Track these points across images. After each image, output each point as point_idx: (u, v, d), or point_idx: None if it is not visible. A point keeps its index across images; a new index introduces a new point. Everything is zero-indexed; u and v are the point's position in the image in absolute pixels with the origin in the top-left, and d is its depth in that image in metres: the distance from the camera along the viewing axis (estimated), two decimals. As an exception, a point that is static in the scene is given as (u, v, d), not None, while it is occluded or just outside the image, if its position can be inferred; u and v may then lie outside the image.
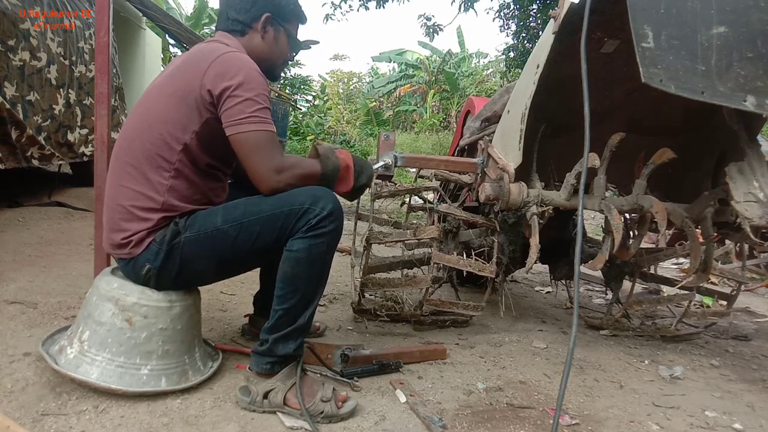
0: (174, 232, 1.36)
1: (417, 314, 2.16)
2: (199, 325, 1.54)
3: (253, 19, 1.52)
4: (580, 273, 1.30)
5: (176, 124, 1.36)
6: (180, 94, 1.36)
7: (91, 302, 1.39)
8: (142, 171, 1.36)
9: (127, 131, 1.43)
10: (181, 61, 1.45)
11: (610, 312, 2.50)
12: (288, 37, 1.59)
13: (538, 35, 7.51)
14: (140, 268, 1.37)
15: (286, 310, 1.36)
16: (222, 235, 1.35)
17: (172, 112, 1.37)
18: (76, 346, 1.37)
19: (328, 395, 1.38)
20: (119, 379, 1.32)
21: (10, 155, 2.80)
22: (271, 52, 1.56)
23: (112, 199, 1.41)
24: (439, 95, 16.19)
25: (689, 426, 1.54)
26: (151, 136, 1.37)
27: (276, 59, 1.58)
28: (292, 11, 1.59)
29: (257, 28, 1.52)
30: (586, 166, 1.38)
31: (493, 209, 2.31)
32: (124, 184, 1.38)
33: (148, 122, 1.39)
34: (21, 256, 2.34)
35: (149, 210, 1.36)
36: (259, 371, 1.38)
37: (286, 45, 1.59)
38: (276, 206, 1.34)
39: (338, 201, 1.38)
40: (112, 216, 1.40)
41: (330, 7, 8.57)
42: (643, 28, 1.42)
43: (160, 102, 1.39)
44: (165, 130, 1.36)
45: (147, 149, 1.37)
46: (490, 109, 2.49)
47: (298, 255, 1.33)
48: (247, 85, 1.33)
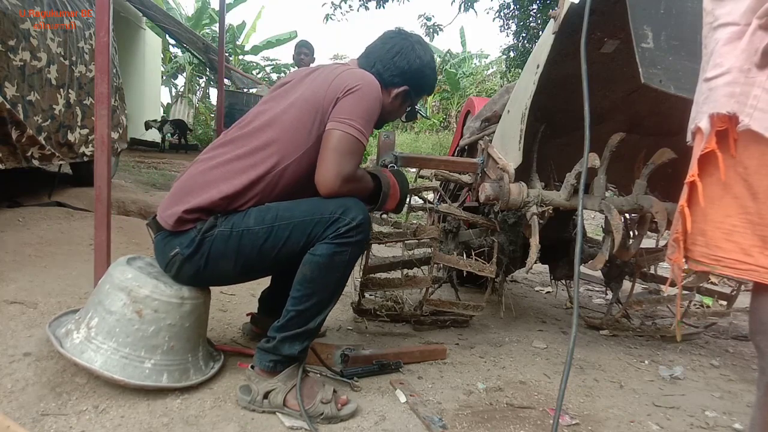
0: (210, 225, 1.37)
1: (417, 314, 2.16)
2: (205, 325, 1.54)
3: (393, 85, 1.58)
4: (580, 273, 1.30)
5: (304, 127, 1.40)
6: (309, 104, 1.41)
7: (104, 290, 1.39)
8: (245, 167, 1.39)
9: (260, 118, 1.46)
10: (320, 78, 1.48)
11: (610, 312, 2.50)
12: (407, 109, 1.67)
13: (538, 35, 7.51)
14: (171, 249, 1.38)
15: (299, 311, 1.37)
16: (251, 236, 1.36)
17: (298, 120, 1.41)
18: (83, 331, 1.36)
19: (328, 397, 1.38)
20: (122, 369, 1.32)
21: (11, 155, 2.80)
22: (389, 114, 1.62)
23: (191, 174, 1.43)
24: (439, 95, 16.18)
25: (689, 426, 1.54)
26: (288, 119, 1.41)
27: (387, 118, 1.65)
28: (427, 90, 1.67)
29: (391, 92, 1.58)
30: (586, 166, 1.38)
31: (493, 209, 2.31)
32: (209, 164, 1.41)
33: (282, 123, 1.42)
34: (21, 256, 2.34)
35: (217, 204, 1.37)
36: (261, 368, 1.39)
37: (403, 112, 1.68)
38: (308, 213, 1.35)
39: (367, 213, 1.40)
40: (182, 187, 1.41)
41: (330, 7, 8.58)
42: (643, 29, 1.42)
43: (297, 103, 1.43)
44: (297, 126, 1.40)
45: (255, 144, 1.40)
46: (490, 109, 2.48)
47: (321, 260, 1.34)
48: (366, 96, 1.40)
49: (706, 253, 0.97)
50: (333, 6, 8.57)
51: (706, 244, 0.97)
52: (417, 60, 1.58)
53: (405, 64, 1.56)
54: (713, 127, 0.95)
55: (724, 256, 0.94)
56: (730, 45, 0.93)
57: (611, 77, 2.03)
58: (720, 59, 0.94)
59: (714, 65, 0.96)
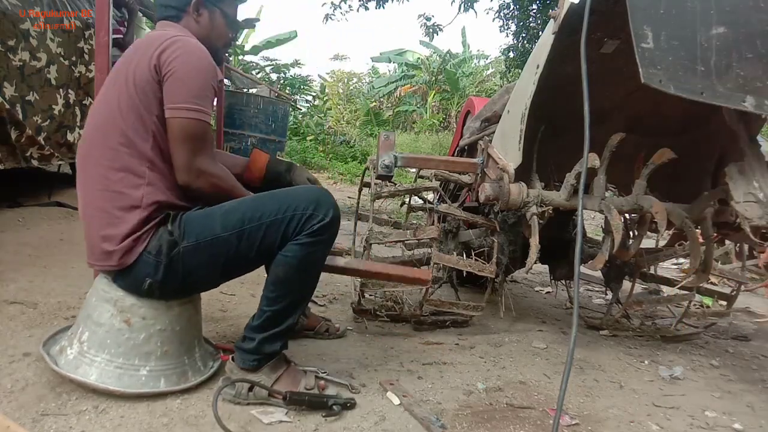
0: (170, 243, 1.32)
1: (417, 314, 2.16)
2: (199, 325, 1.54)
3: (185, 3, 1.48)
4: (580, 273, 1.30)
5: (137, 111, 1.32)
6: (133, 81, 1.32)
7: (91, 303, 1.39)
8: (113, 167, 1.32)
9: (88, 132, 1.39)
10: (129, 51, 1.42)
11: (610, 312, 2.50)
12: (225, 18, 1.55)
13: (538, 35, 7.51)
14: (140, 282, 1.34)
15: (275, 311, 1.37)
16: (223, 243, 1.33)
17: (132, 100, 1.32)
18: (75, 346, 1.36)
19: (311, 384, 1.43)
20: (118, 380, 1.32)
21: (10, 155, 2.80)
22: (208, 36, 1.51)
23: (85, 207, 1.37)
24: (439, 95, 16.17)
25: (689, 426, 1.54)
26: (115, 129, 1.32)
27: (215, 42, 1.53)
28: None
29: (190, 11, 1.49)
30: (586, 166, 1.38)
31: (493, 209, 2.31)
32: (96, 188, 1.34)
33: (110, 116, 1.34)
34: (21, 256, 2.33)
35: (128, 209, 1.31)
36: (244, 367, 1.39)
37: (223, 26, 1.55)
38: (278, 211, 1.33)
39: (338, 208, 1.39)
40: (91, 224, 1.35)
41: (330, 7, 8.56)
42: (643, 29, 1.42)
43: (115, 95, 1.35)
44: (129, 120, 1.32)
45: (114, 144, 1.32)
46: (490, 109, 2.48)
47: (294, 261, 1.34)
48: (186, 66, 1.31)
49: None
50: (333, 6, 8.55)
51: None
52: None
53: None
54: None
55: None
56: None
57: (611, 77, 2.03)
58: None
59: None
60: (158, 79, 1.32)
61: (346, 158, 10.63)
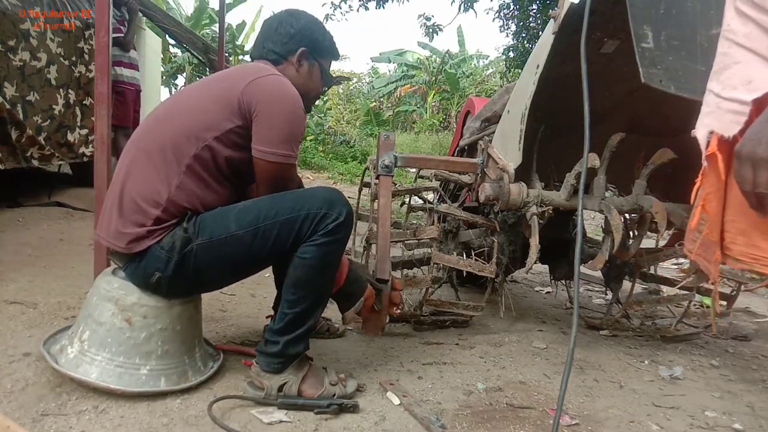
0: (184, 240, 1.34)
1: (417, 314, 2.16)
2: (199, 325, 1.54)
3: (289, 53, 1.56)
4: (580, 273, 1.30)
5: (202, 121, 1.37)
6: (214, 97, 1.38)
7: (92, 302, 1.39)
8: (155, 160, 1.36)
9: (149, 120, 1.44)
10: (221, 73, 1.49)
11: (610, 312, 2.50)
12: (321, 72, 1.63)
13: (538, 35, 7.51)
14: (149, 275, 1.35)
15: (296, 314, 1.38)
16: (237, 241, 1.34)
17: (202, 111, 1.38)
18: (76, 345, 1.37)
19: (334, 379, 1.46)
20: (118, 378, 1.32)
21: (10, 155, 2.80)
22: (304, 86, 1.57)
23: (118, 174, 1.40)
24: (439, 95, 16.18)
25: (689, 426, 1.54)
26: (172, 126, 1.38)
27: (309, 92, 1.61)
28: (327, 48, 1.64)
29: (292, 61, 1.56)
30: (585, 166, 1.38)
31: (493, 209, 2.31)
32: (132, 171, 1.38)
33: (175, 112, 1.40)
34: (21, 256, 2.34)
35: (152, 204, 1.34)
36: (269, 370, 1.40)
37: (319, 79, 1.64)
38: (293, 210, 1.34)
39: (351, 206, 1.41)
40: (113, 199, 1.38)
41: (330, 7, 8.56)
42: (643, 28, 1.42)
43: (191, 100, 1.41)
44: (188, 124, 1.37)
45: (169, 138, 1.36)
46: (490, 109, 2.48)
47: (312, 262, 1.35)
48: (282, 112, 1.37)
49: (746, 252, 0.99)
50: (333, 6, 8.56)
51: (745, 243, 0.99)
52: (296, 22, 1.58)
53: (289, 28, 1.56)
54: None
55: (763, 255, 0.96)
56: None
57: (611, 77, 2.03)
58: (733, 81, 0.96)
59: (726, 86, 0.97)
60: (243, 107, 1.37)
61: (346, 158, 10.63)
